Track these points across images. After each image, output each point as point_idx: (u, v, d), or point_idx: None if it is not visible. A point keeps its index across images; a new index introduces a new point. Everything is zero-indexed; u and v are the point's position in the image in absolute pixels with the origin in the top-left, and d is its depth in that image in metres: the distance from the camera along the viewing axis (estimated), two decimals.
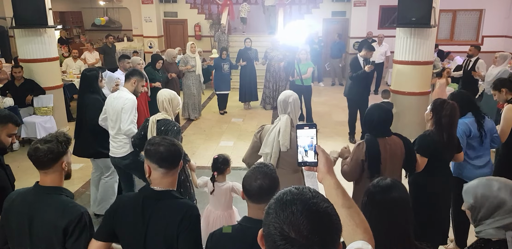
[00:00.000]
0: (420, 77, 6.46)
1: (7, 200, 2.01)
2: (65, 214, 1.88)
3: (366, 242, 1.20)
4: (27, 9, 6.38)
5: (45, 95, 6.84)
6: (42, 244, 1.91)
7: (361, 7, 11.80)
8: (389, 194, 1.77)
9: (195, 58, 7.91)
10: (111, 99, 3.83)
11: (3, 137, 2.27)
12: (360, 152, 2.86)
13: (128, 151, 3.82)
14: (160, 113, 3.45)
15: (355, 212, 1.28)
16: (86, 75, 4.16)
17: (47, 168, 1.94)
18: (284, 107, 3.03)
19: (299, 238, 0.93)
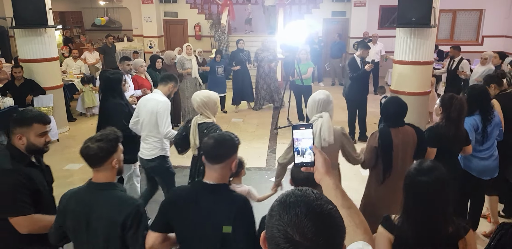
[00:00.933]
0: (420, 77, 6.46)
1: (61, 201, 2.07)
2: (121, 209, 1.94)
3: (367, 242, 1.20)
4: (27, 9, 6.38)
5: (45, 95, 6.85)
6: (100, 239, 1.96)
7: (361, 7, 11.81)
8: (430, 174, 1.86)
9: (191, 60, 7.63)
10: (144, 102, 3.79)
11: (32, 138, 2.20)
12: (374, 140, 3.13)
13: (157, 154, 3.78)
14: (200, 117, 3.37)
15: (355, 213, 1.27)
16: (110, 78, 3.97)
17: (99, 166, 2.00)
18: (324, 106, 3.12)
19: (303, 241, 0.92)
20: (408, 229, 1.86)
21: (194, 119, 3.38)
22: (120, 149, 2.07)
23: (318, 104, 3.12)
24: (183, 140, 3.44)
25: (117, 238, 1.94)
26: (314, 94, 3.20)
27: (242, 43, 8.73)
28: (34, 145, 2.22)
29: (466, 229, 1.88)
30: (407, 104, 3.18)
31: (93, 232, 1.97)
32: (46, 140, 2.27)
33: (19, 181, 2.12)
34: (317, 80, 11.48)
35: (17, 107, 6.37)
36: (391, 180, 3.11)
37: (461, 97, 3.30)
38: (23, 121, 2.22)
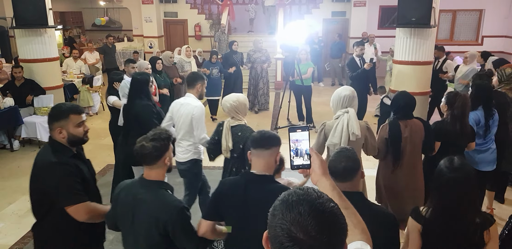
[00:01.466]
0: (420, 77, 6.46)
1: (116, 190, 2.19)
2: (166, 209, 2.01)
3: (365, 242, 1.20)
4: (27, 9, 6.38)
5: (45, 95, 6.85)
6: (142, 232, 2.05)
7: (361, 7, 11.81)
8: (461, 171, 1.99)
9: (190, 62, 7.48)
10: (178, 106, 3.76)
11: (72, 130, 2.26)
12: (384, 131, 3.37)
13: (189, 157, 3.79)
14: (232, 120, 3.37)
15: (352, 213, 1.28)
16: (137, 79, 3.94)
17: (152, 164, 2.07)
18: (350, 101, 3.28)
19: (307, 239, 0.92)
20: (436, 219, 2.00)
21: (226, 122, 3.37)
22: (171, 147, 2.16)
23: (344, 100, 3.27)
24: (216, 145, 3.45)
25: (157, 234, 2.02)
26: (338, 90, 3.37)
27: (237, 45, 8.44)
28: (74, 135, 2.27)
29: (491, 221, 2.00)
30: (415, 98, 3.40)
31: (137, 225, 2.06)
32: (85, 129, 2.33)
33: (69, 171, 2.19)
34: (317, 80, 11.48)
35: (17, 108, 6.37)
36: (401, 170, 3.34)
37: (464, 95, 3.50)
38: (59, 114, 2.27)
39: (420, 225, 2.05)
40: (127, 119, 4.04)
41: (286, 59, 9.31)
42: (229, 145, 3.27)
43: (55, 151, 2.24)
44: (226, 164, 3.47)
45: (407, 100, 3.38)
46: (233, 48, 8.38)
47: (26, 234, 4.08)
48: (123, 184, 2.20)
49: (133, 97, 3.94)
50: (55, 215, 2.24)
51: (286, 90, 7.35)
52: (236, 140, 3.26)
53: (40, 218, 2.31)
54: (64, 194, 2.17)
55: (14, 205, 4.71)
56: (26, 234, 4.08)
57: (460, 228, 1.97)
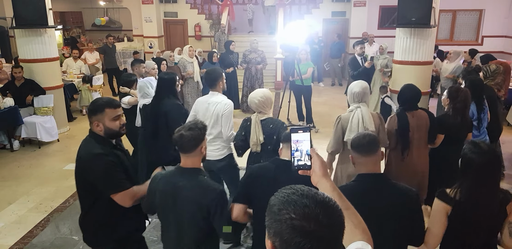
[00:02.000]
0: (420, 77, 6.45)
1: (152, 181, 2.31)
2: (207, 193, 2.15)
3: (365, 242, 1.21)
4: (27, 9, 6.38)
5: (45, 95, 6.85)
6: (186, 218, 2.18)
7: (361, 7, 11.81)
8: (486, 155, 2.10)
9: (193, 63, 7.35)
10: (204, 105, 3.71)
11: (108, 123, 2.37)
12: (393, 122, 3.57)
13: (226, 153, 3.77)
14: (259, 114, 3.43)
15: (353, 213, 1.29)
16: (165, 79, 3.95)
17: (190, 152, 2.19)
18: (360, 97, 3.45)
19: (319, 228, 0.94)
20: (468, 200, 2.11)
21: (254, 117, 3.42)
22: (205, 137, 2.30)
23: (355, 95, 3.47)
24: (244, 141, 3.49)
25: (201, 219, 2.15)
26: (351, 85, 3.54)
27: (234, 45, 8.35)
28: (110, 129, 2.38)
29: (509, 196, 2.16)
30: (420, 90, 3.65)
31: (179, 212, 2.18)
32: (121, 123, 2.43)
33: (112, 161, 2.32)
34: (317, 80, 11.48)
35: (17, 108, 6.37)
36: (410, 157, 3.56)
37: (466, 90, 3.70)
38: (96, 109, 2.38)
39: (449, 206, 2.13)
40: (154, 119, 3.97)
41: (286, 59, 9.30)
42: (260, 139, 3.32)
43: (97, 142, 2.37)
44: (252, 159, 3.48)
45: (413, 92, 3.60)
46: (230, 49, 8.30)
47: (26, 234, 4.08)
48: (159, 175, 2.30)
49: (161, 97, 3.93)
50: (101, 205, 2.38)
51: (286, 90, 7.35)
52: (269, 133, 3.32)
53: (87, 210, 2.46)
54: (110, 182, 2.31)
55: (14, 205, 4.72)
56: (26, 234, 4.09)
57: (489, 205, 2.11)
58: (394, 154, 3.64)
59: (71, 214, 4.48)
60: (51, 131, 6.72)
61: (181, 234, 2.23)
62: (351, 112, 3.45)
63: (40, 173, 5.60)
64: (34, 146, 6.66)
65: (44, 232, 4.13)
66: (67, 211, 4.54)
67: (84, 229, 2.54)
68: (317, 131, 7.31)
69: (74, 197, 4.86)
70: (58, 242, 3.94)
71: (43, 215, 4.47)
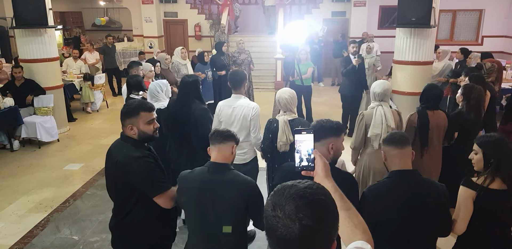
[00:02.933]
0: (420, 77, 6.46)
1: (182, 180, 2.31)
2: (246, 185, 2.23)
3: (365, 242, 1.22)
4: (27, 9, 6.38)
5: (45, 95, 6.84)
6: (227, 210, 2.21)
7: (361, 7, 11.81)
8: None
9: (186, 65, 7.18)
10: (229, 109, 3.62)
11: (142, 127, 2.34)
12: (413, 119, 3.64)
13: (252, 156, 3.73)
14: (285, 114, 3.41)
15: (354, 214, 1.31)
16: (189, 82, 3.75)
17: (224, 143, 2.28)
18: (381, 97, 3.56)
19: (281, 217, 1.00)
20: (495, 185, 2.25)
21: (281, 117, 3.40)
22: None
23: (375, 95, 3.57)
24: (271, 143, 3.45)
25: (245, 210, 2.21)
26: (373, 85, 3.66)
27: (226, 46, 8.15)
28: (144, 132, 2.35)
29: None
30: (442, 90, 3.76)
31: (220, 205, 2.19)
32: (155, 127, 2.40)
33: (152, 163, 2.33)
34: (317, 80, 11.49)
35: (17, 108, 6.37)
36: (428, 155, 3.62)
37: (480, 87, 3.77)
38: (130, 112, 2.34)
39: (475, 192, 2.24)
40: (182, 127, 3.72)
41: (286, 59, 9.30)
42: (290, 138, 3.32)
43: (133, 146, 2.35)
44: (276, 159, 3.48)
45: (437, 92, 3.68)
46: (223, 50, 8.00)
47: (26, 234, 4.08)
48: (187, 174, 2.32)
49: (188, 101, 3.73)
50: (141, 209, 2.38)
51: None
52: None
53: (126, 214, 2.42)
54: (154, 184, 2.31)
55: (14, 205, 4.72)
56: (26, 234, 4.09)
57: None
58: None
59: (71, 214, 4.48)
60: (51, 131, 6.72)
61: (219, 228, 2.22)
62: (373, 109, 3.55)
63: (40, 173, 5.59)
64: (34, 146, 6.66)
65: (44, 232, 4.13)
66: (67, 211, 4.54)
67: (119, 232, 2.51)
68: None
69: (74, 197, 4.87)
70: (58, 242, 3.94)
71: (43, 215, 4.47)
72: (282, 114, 3.45)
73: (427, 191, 2.18)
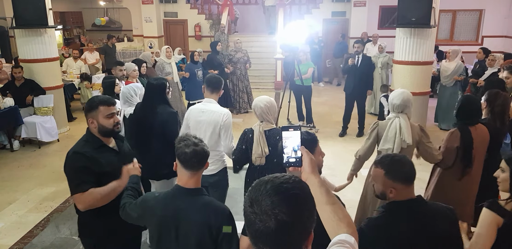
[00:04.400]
0: (420, 77, 6.46)
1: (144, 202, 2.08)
2: (217, 214, 1.97)
3: (350, 235, 1.27)
4: (27, 9, 6.38)
5: (45, 95, 6.85)
6: (193, 242, 1.97)
7: (361, 7, 11.81)
8: None
9: (170, 64, 7.20)
10: (198, 113, 3.41)
11: (101, 121, 2.41)
12: (455, 139, 3.21)
13: (220, 167, 3.49)
14: (262, 124, 3.15)
15: (339, 208, 1.35)
16: (154, 85, 3.58)
17: (198, 170, 2.02)
18: (400, 108, 3.22)
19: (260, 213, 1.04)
20: None
21: (257, 127, 3.14)
22: None
23: (394, 107, 3.24)
24: (244, 154, 3.22)
25: (212, 242, 1.96)
26: (392, 95, 3.30)
27: (220, 45, 8.33)
28: (103, 126, 2.41)
29: None
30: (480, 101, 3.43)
31: (184, 236, 1.98)
32: (115, 121, 2.45)
33: (82, 162, 2.31)
34: (317, 80, 11.49)
35: (17, 108, 6.37)
36: (469, 177, 3.25)
37: (505, 94, 3.54)
38: (90, 106, 2.43)
39: (502, 219, 1.97)
40: (147, 131, 3.52)
41: (286, 59, 9.30)
42: (266, 150, 3.07)
43: (83, 140, 2.43)
44: (254, 173, 3.19)
45: (478, 105, 3.32)
46: (217, 49, 8.22)
47: (26, 234, 4.08)
48: (152, 198, 2.07)
49: (154, 105, 3.53)
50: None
51: (286, 90, 7.35)
52: (275, 144, 3.05)
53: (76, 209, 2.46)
54: (70, 182, 2.32)
55: (14, 205, 4.72)
56: (26, 234, 4.09)
57: None
58: (449, 173, 3.30)
59: (71, 214, 4.48)
60: (51, 131, 6.72)
61: None
62: (389, 120, 3.25)
63: (40, 173, 5.60)
64: (34, 146, 6.66)
65: (44, 232, 4.13)
66: (67, 211, 4.54)
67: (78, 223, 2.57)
68: (317, 131, 7.31)
69: None
70: (58, 242, 3.94)
71: (43, 215, 4.47)
72: (259, 124, 3.17)
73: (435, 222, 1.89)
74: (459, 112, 3.31)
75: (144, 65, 6.05)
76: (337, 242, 1.23)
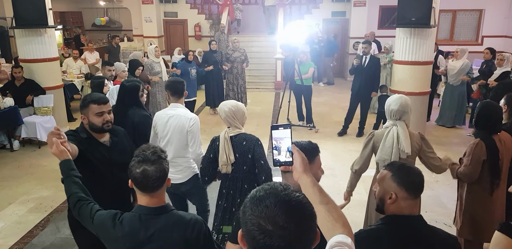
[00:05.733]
0: (420, 77, 6.46)
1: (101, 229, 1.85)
2: (190, 226, 1.83)
3: (346, 235, 1.24)
4: (27, 9, 6.38)
5: (45, 95, 6.84)
6: None
7: (361, 7, 11.81)
8: None
9: (159, 63, 7.18)
10: (165, 118, 3.28)
11: (91, 118, 2.53)
12: (480, 151, 2.91)
13: (189, 175, 3.36)
14: (229, 129, 3.00)
15: (333, 208, 1.32)
16: (126, 87, 3.48)
17: (156, 191, 1.79)
18: (398, 115, 3.02)
19: (276, 230, 0.98)
20: None
21: (222, 134, 2.99)
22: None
23: (392, 113, 3.04)
24: (213, 163, 3.05)
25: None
26: (389, 101, 3.08)
27: (215, 44, 8.44)
28: (93, 123, 2.53)
29: None
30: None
31: None
32: (105, 119, 2.54)
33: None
34: (317, 80, 11.48)
35: (17, 108, 6.37)
36: (498, 189, 3.00)
37: None
38: (83, 103, 2.57)
39: None
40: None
41: (286, 59, 9.31)
42: (231, 158, 2.92)
43: (73, 130, 2.57)
44: (227, 182, 3.05)
45: (498, 112, 3.00)
46: (212, 48, 8.35)
47: (26, 234, 4.08)
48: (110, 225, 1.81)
49: (126, 107, 3.41)
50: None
51: (286, 90, 7.35)
52: (242, 150, 2.93)
53: None
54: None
55: (14, 205, 4.72)
56: (26, 234, 4.09)
57: None
58: (479, 189, 3.02)
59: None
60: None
61: None
62: (386, 129, 3.04)
63: (40, 173, 5.59)
64: (34, 146, 6.66)
65: (44, 232, 4.13)
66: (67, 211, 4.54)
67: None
68: (317, 131, 7.32)
69: None
70: (58, 242, 3.94)
71: (43, 215, 4.47)
72: (225, 130, 3.00)
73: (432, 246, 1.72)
74: (480, 121, 3.00)
75: (140, 68, 6.00)
76: (335, 244, 1.20)
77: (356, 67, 6.80)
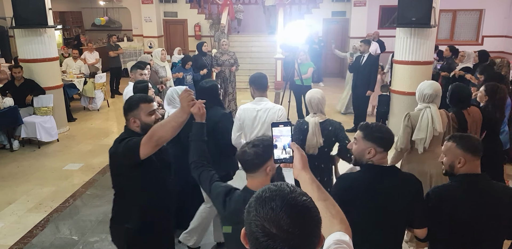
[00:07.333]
0: (420, 77, 6.44)
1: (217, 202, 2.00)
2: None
3: (343, 232, 1.25)
4: (27, 9, 6.38)
5: (45, 95, 6.84)
6: None
7: (361, 7, 11.80)
8: None
9: (164, 67, 6.89)
10: (252, 112, 3.42)
11: (143, 118, 2.44)
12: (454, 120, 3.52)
13: None
14: (315, 115, 3.31)
15: (331, 204, 1.33)
16: (206, 88, 3.56)
17: (254, 172, 1.94)
18: (431, 99, 3.41)
19: (280, 233, 0.97)
20: None
21: (312, 119, 3.28)
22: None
23: (425, 97, 3.40)
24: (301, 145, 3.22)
25: None
26: (422, 86, 3.46)
27: (206, 46, 7.97)
28: (146, 123, 2.43)
29: None
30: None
31: None
32: (156, 118, 2.49)
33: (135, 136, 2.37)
34: (317, 80, 11.47)
35: (17, 108, 6.36)
36: None
37: (503, 86, 3.87)
38: (131, 105, 2.45)
39: None
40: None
41: (286, 59, 9.29)
42: (320, 141, 3.22)
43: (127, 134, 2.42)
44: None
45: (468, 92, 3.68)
46: (203, 50, 7.84)
47: (26, 234, 4.08)
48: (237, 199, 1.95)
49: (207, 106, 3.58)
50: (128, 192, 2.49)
51: (286, 90, 7.35)
52: (328, 135, 3.26)
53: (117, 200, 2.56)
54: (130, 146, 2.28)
55: (14, 205, 4.71)
56: (26, 234, 4.09)
57: None
58: None
59: (71, 214, 4.48)
60: (51, 131, 6.71)
61: None
62: (420, 111, 3.40)
63: (40, 173, 5.59)
64: (34, 146, 6.66)
65: (44, 232, 4.13)
66: (67, 211, 4.54)
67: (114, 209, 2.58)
68: None
69: (74, 197, 4.86)
70: (58, 242, 3.94)
71: (43, 215, 4.47)
72: (312, 115, 3.32)
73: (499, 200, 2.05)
74: (452, 99, 3.66)
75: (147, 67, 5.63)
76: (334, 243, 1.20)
77: (353, 65, 6.87)
